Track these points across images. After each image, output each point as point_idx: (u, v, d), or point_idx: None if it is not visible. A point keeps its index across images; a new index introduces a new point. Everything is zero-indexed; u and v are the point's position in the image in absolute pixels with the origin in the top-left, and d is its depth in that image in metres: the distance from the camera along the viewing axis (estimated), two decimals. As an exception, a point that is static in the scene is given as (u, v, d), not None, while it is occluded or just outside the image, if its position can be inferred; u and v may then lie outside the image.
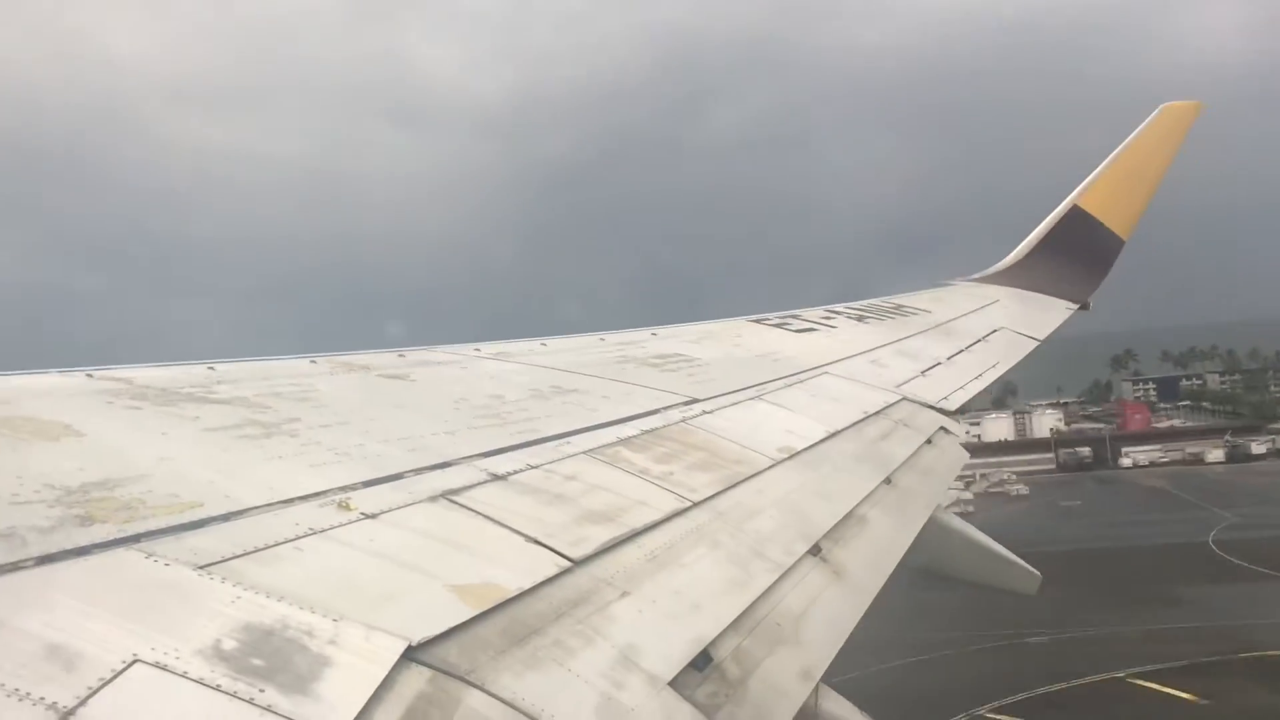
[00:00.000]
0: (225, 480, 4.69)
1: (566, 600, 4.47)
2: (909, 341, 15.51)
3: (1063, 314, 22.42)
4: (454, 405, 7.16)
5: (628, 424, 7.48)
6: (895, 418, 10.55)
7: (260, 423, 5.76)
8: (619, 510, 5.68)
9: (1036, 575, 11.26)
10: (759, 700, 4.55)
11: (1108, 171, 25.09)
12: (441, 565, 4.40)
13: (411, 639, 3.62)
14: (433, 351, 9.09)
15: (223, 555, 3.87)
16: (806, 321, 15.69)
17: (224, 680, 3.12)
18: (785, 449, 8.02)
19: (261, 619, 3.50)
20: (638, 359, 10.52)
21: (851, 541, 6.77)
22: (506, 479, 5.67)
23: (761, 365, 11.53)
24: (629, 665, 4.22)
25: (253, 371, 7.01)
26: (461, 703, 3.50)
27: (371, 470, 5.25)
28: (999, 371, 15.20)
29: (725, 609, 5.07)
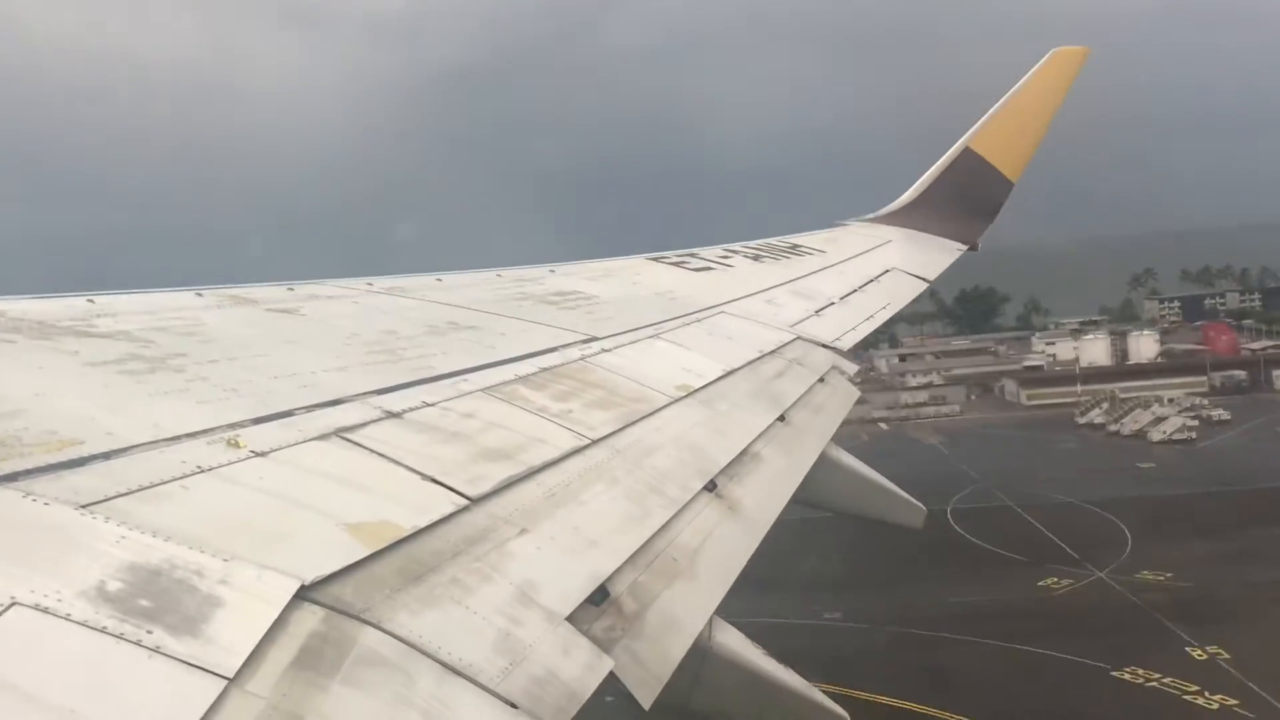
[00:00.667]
0: (107, 417, 4.52)
1: (464, 538, 4.46)
2: (804, 281, 15.73)
3: (952, 255, 23.00)
4: (346, 341, 7.02)
5: (526, 361, 7.44)
6: (790, 356, 10.72)
7: (144, 358, 5.55)
8: (517, 448, 5.67)
9: (922, 509, 11.66)
10: (655, 633, 4.63)
11: (999, 114, 25.66)
12: (335, 504, 4.33)
13: (304, 578, 3.56)
14: (323, 285, 8.87)
15: (105, 494, 3.74)
16: (704, 260, 15.77)
17: (109, 622, 3.03)
18: (683, 387, 8.09)
19: (148, 559, 3.41)
20: (536, 296, 10.45)
21: (746, 478, 6.89)
22: (402, 416, 5.60)
23: (660, 304, 11.57)
24: (527, 601, 4.24)
25: (135, 304, 6.75)
26: (357, 641, 3.47)
27: (261, 407, 5.12)
28: (890, 312, 15.56)
29: (622, 544, 5.12)
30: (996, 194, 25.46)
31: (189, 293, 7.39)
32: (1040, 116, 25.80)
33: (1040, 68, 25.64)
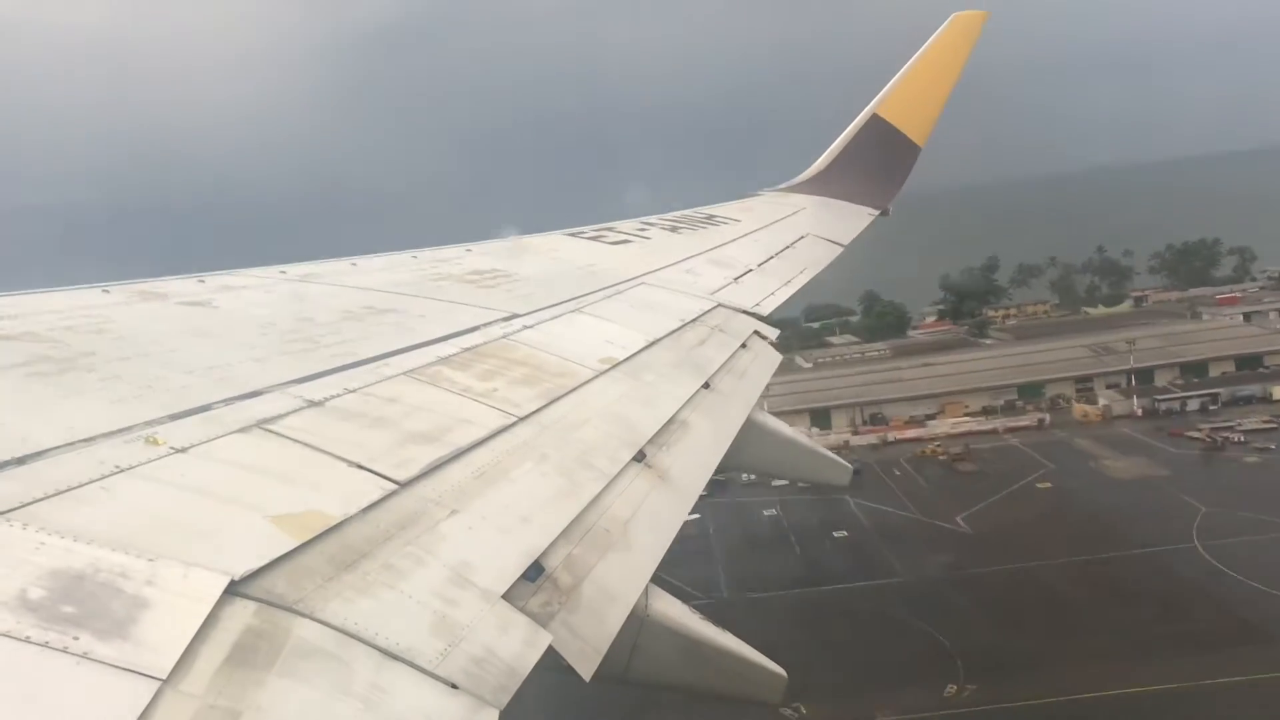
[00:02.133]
0: (18, 420, 4.39)
1: (394, 523, 4.44)
2: (721, 250, 15.83)
3: (864, 220, 23.35)
4: (262, 331, 6.89)
5: (447, 342, 7.39)
6: (711, 324, 10.80)
7: (53, 358, 5.40)
8: (443, 430, 5.64)
9: (848, 468, 11.88)
10: (592, 605, 4.67)
11: (904, 80, 26.04)
12: (261, 496, 4.28)
13: (234, 574, 3.52)
14: (234, 275, 8.68)
15: (21, 500, 3.64)
16: (622, 234, 15.78)
17: (32, 631, 2.96)
18: (607, 359, 8.11)
19: (70, 564, 3.33)
20: (454, 276, 10.36)
21: (674, 446, 6.95)
22: (323, 404, 5.53)
23: (580, 278, 11.56)
24: (461, 582, 4.24)
25: (40, 304, 6.54)
26: (291, 633, 3.44)
27: (178, 403, 5.02)
28: (807, 277, 15.74)
29: (555, 519, 5.14)
30: (905, 158, 25.89)
31: (95, 290, 7.19)
32: (943, 81, 26.25)
33: (941, 33, 26.06)
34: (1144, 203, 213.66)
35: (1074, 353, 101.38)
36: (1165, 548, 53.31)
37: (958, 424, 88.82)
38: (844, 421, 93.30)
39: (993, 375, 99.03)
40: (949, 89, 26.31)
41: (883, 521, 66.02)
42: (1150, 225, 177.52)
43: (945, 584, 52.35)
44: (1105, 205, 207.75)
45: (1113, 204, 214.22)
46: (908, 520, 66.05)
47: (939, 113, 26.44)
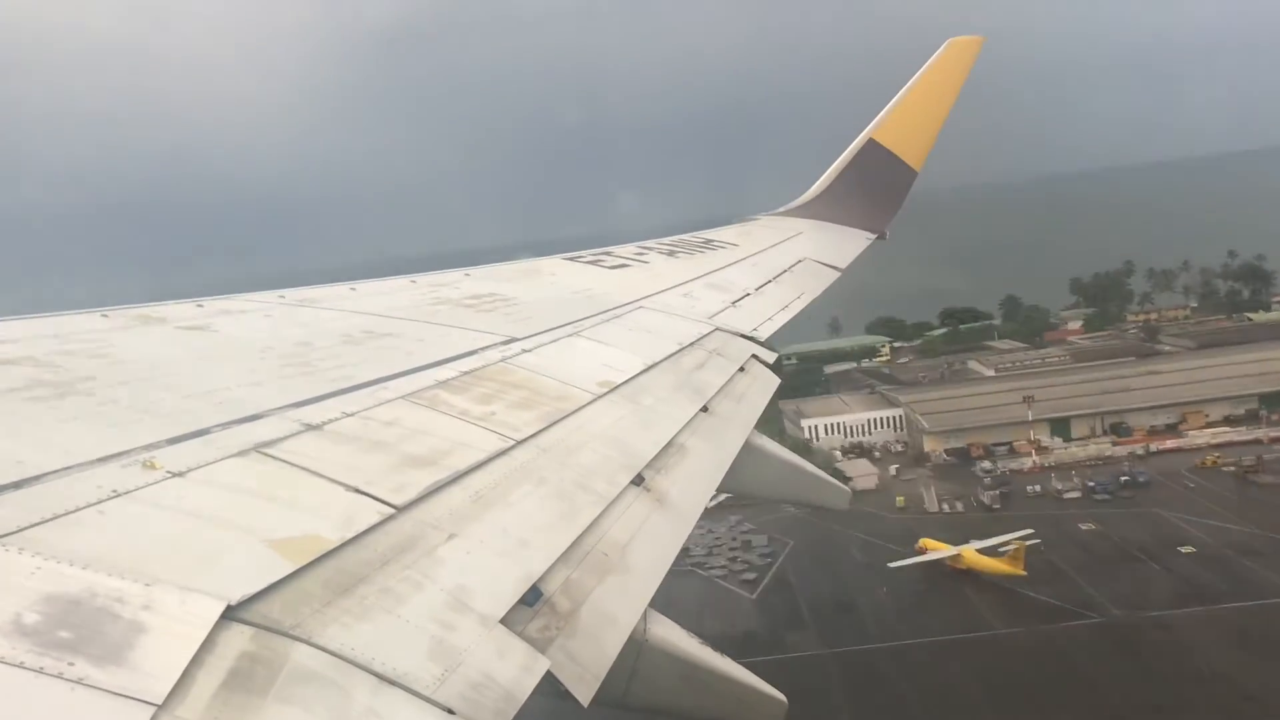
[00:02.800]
0: (15, 445, 4.38)
1: (392, 547, 4.42)
2: (719, 274, 15.86)
3: (862, 243, 23.40)
4: (260, 355, 6.89)
5: (445, 366, 7.39)
6: (709, 348, 10.80)
7: (51, 383, 5.39)
8: (441, 453, 5.63)
9: (847, 491, 11.85)
10: (590, 630, 4.64)
11: (900, 105, 26.15)
12: (258, 520, 4.26)
13: (230, 598, 3.50)
14: (233, 300, 8.70)
15: (18, 525, 3.63)
16: (620, 258, 15.81)
17: (27, 657, 2.94)
18: (605, 383, 8.11)
19: (66, 589, 3.32)
20: (452, 300, 10.38)
21: (673, 469, 6.94)
22: (321, 428, 5.52)
23: (578, 302, 11.57)
24: (459, 606, 4.22)
25: (39, 329, 6.55)
26: (288, 658, 3.42)
27: (176, 427, 5.01)
28: (805, 301, 15.76)
29: (553, 543, 5.13)
30: (901, 183, 25.96)
31: (95, 314, 7.19)
32: (939, 106, 26.36)
33: (937, 58, 26.19)
34: (1181, 201, 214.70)
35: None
36: None
37: (1218, 434, 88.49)
38: (1083, 430, 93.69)
39: (1229, 385, 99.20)
40: (945, 114, 26.43)
41: (1226, 538, 65.86)
42: (1209, 224, 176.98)
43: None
44: (1131, 203, 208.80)
45: (1140, 201, 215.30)
46: (1252, 535, 65.75)
47: (935, 137, 26.55)
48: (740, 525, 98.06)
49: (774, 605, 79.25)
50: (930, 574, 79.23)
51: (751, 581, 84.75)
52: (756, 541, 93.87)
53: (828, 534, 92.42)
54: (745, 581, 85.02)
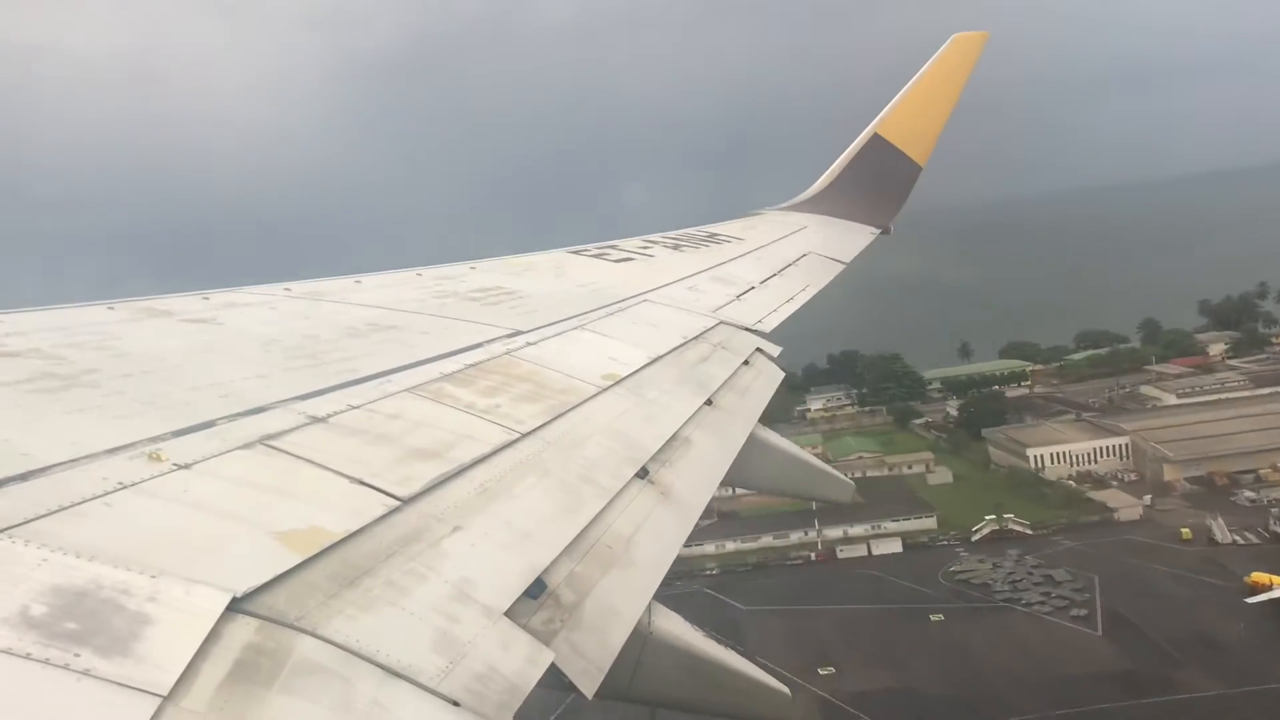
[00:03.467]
0: (21, 437, 4.39)
1: (397, 539, 4.43)
2: (724, 268, 15.85)
3: (866, 238, 23.37)
4: (266, 348, 6.90)
5: (450, 359, 7.39)
6: (714, 341, 10.80)
7: (57, 375, 5.40)
8: (446, 446, 5.64)
9: (850, 485, 11.86)
10: (594, 623, 4.65)
11: (905, 100, 26.09)
12: (263, 513, 4.27)
13: (236, 590, 3.52)
14: (239, 293, 8.71)
15: (25, 516, 3.64)
16: (625, 251, 15.80)
17: (34, 648, 2.95)
18: (610, 376, 8.11)
19: (72, 580, 3.33)
20: (458, 293, 10.38)
21: (677, 463, 6.94)
22: (327, 420, 5.53)
23: (583, 295, 11.57)
24: (463, 598, 4.23)
25: (45, 321, 6.56)
26: (293, 650, 3.44)
27: (182, 419, 5.02)
28: (809, 294, 15.74)
29: (557, 536, 5.13)
30: (906, 178, 25.92)
31: (100, 307, 7.20)
32: (944, 101, 26.30)
33: (942, 54, 26.13)
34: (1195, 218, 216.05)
35: None
36: None
37: None
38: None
39: None
40: (950, 109, 26.37)
41: None
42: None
43: None
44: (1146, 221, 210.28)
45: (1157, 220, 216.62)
46: None
47: (940, 132, 26.49)
48: (1024, 559, 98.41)
49: (1129, 641, 78.78)
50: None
51: (1085, 618, 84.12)
52: (1059, 575, 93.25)
53: (1127, 567, 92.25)
54: (1078, 618, 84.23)
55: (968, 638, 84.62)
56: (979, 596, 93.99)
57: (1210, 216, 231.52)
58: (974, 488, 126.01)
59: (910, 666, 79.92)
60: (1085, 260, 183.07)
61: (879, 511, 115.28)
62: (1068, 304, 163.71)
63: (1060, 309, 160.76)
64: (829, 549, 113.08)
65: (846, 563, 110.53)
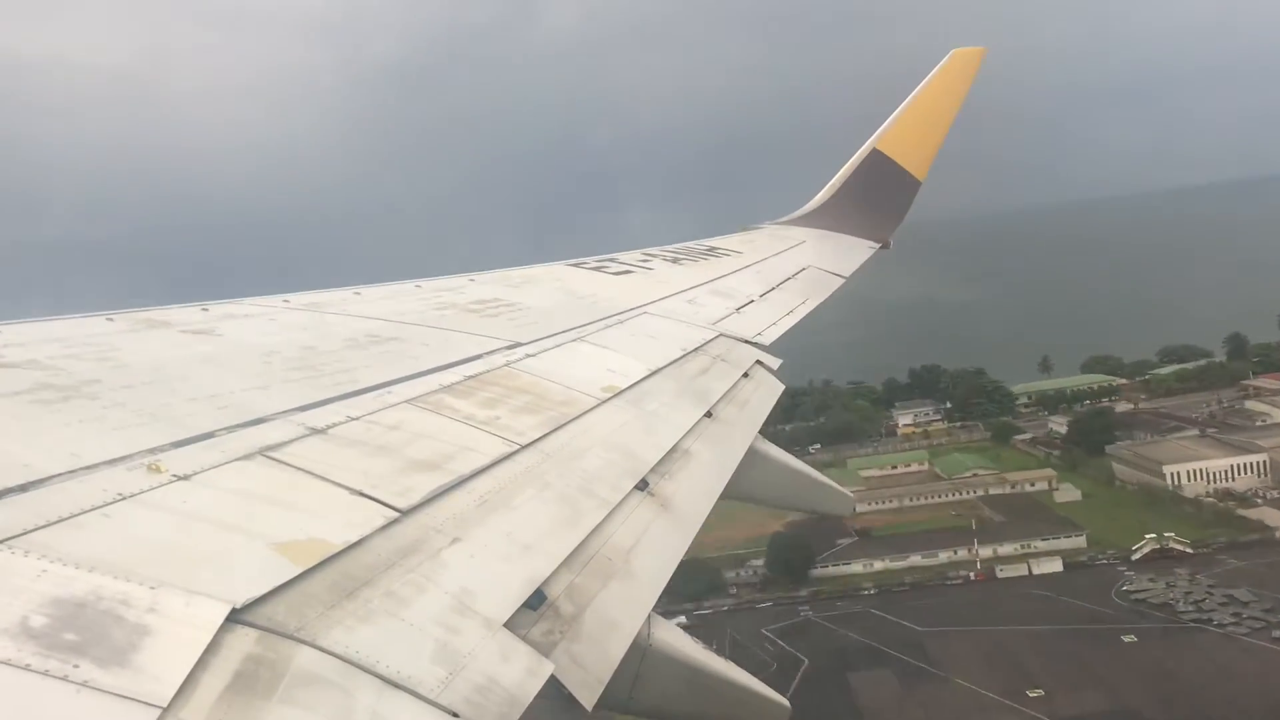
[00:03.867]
0: (20, 448, 4.39)
1: (396, 550, 4.43)
2: (723, 281, 15.87)
3: (865, 253, 23.41)
4: (265, 359, 6.90)
5: (450, 370, 7.40)
6: (713, 353, 10.81)
7: (56, 386, 5.40)
8: (446, 457, 5.64)
9: (850, 498, 11.85)
10: (594, 634, 4.64)
11: (904, 115, 26.18)
12: (263, 524, 4.27)
13: (235, 601, 3.51)
14: (238, 304, 8.71)
15: (24, 527, 3.63)
16: (624, 264, 15.83)
17: (33, 659, 2.95)
18: (609, 388, 8.11)
19: (72, 591, 3.32)
20: (457, 305, 10.38)
21: (677, 475, 6.94)
22: (326, 432, 5.53)
23: (582, 307, 11.59)
24: (463, 610, 4.23)
25: (43, 332, 6.55)
26: (293, 661, 3.43)
27: (181, 430, 5.02)
28: (809, 307, 15.77)
29: (557, 548, 5.13)
30: (905, 193, 25.98)
31: (99, 318, 7.20)
32: (943, 116, 26.40)
33: (940, 69, 26.24)
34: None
35: None
36: None
37: None
38: None
39: None
40: (949, 124, 26.47)
41: None
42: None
43: None
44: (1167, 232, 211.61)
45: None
46: None
47: (938, 147, 26.58)
48: (1197, 579, 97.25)
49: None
50: None
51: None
52: (1242, 595, 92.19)
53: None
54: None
55: (1168, 660, 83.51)
56: (1164, 617, 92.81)
57: (1229, 226, 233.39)
58: (1105, 505, 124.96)
59: (1120, 689, 78.83)
60: (1125, 271, 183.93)
61: (1024, 530, 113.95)
62: (1126, 316, 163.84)
63: (1127, 321, 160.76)
64: (988, 568, 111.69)
65: (1007, 582, 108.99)
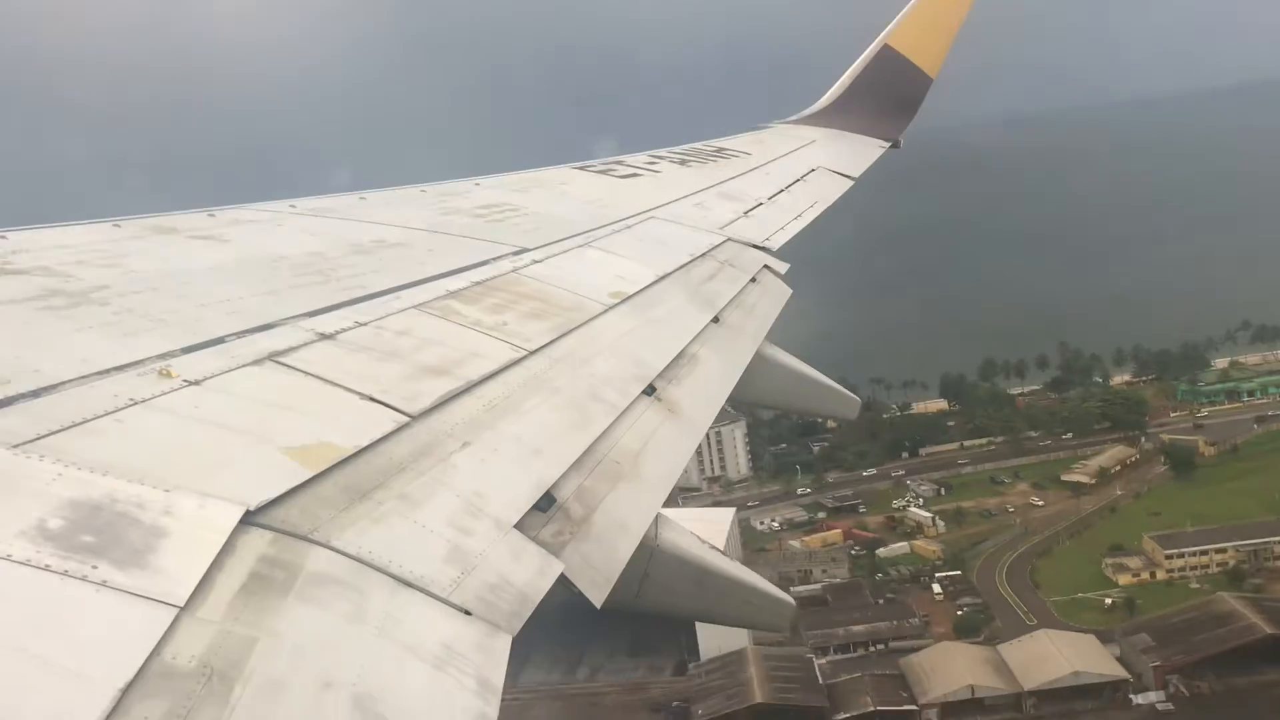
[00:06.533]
0: (32, 354, 4.41)
1: (407, 454, 4.47)
2: (731, 184, 15.69)
3: (875, 152, 23.06)
4: (272, 265, 6.89)
5: (457, 276, 7.38)
6: (721, 258, 10.75)
7: (66, 292, 5.40)
8: (454, 363, 5.66)
9: (856, 400, 11.89)
10: (602, 535, 4.72)
11: (915, 10, 25.51)
12: (274, 428, 4.31)
13: (249, 504, 3.56)
14: (244, 210, 8.65)
15: (38, 433, 3.67)
16: (631, 167, 15.64)
17: (52, 560, 3.00)
18: (617, 294, 8.10)
19: (88, 495, 3.37)
20: (463, 210, 10.31)
21: (684, 379, 6.97)
22: (335, 337, 5.54)
23: (589, 212, 11.49)
24: (474, 512, 4.29)
25: (51, 239, 6.53)
26: (307, 562, 3.49)
27: (190, 336, 5.03)
28: (818, 210, 15.60)
29: (566, 451, 5.18)
30: (916, 90, 25.46)
31: (107, 224, 7.16)
32: (955, 11, 25.72)
33: None
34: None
35: None
36: None
37: None
38: None
39: None
40: (961, 19, 25.81)
41: None
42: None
43: None
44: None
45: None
46: None
47: (951, 44, 25.96)
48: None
49: None
50: None
51: None
52: None
53: None
54: None
55: None
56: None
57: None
58: None
59: None
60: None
61: None
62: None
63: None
64: None
65: None
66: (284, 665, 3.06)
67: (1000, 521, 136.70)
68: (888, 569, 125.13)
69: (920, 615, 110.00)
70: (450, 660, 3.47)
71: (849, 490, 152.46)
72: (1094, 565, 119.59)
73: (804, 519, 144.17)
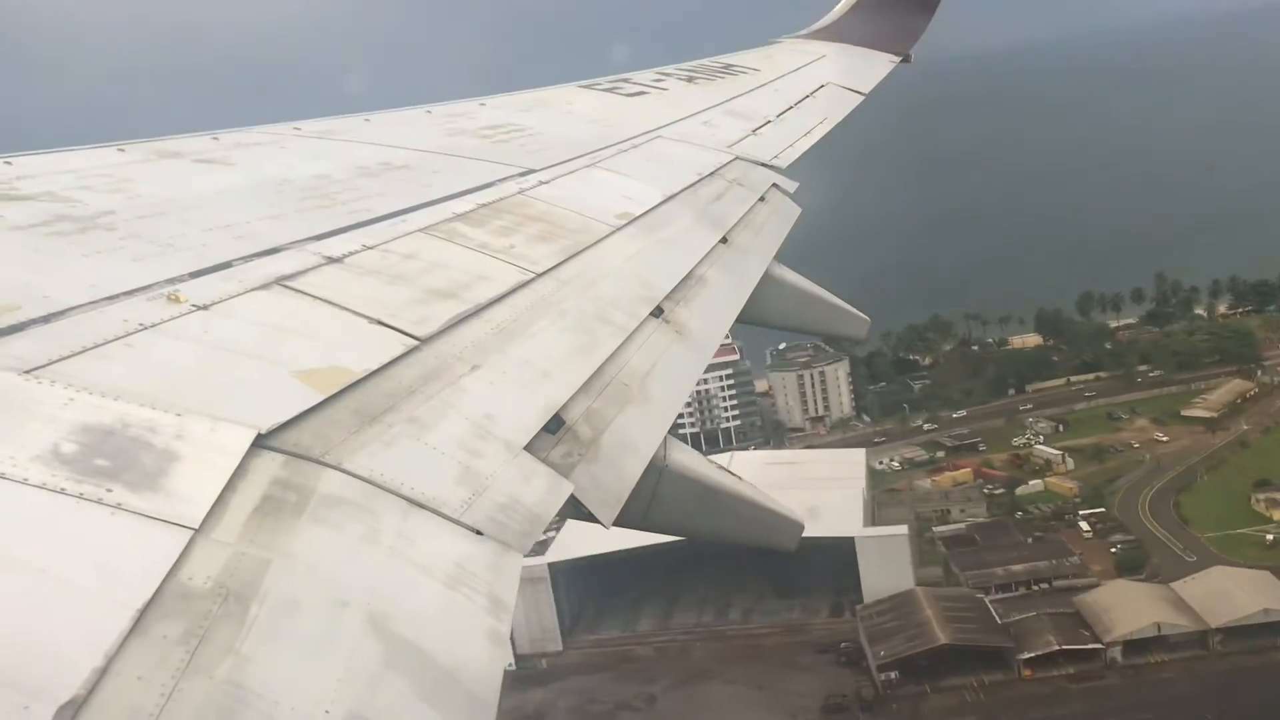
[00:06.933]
0: (41, 280, 4.41)
1: (417, 378, 4.49)
2: (739, 101, 15.47)
3: (886, 67, 22.65)
4: (278, 188, 6.84)
5: (463, 198, 7.33)
6: (729, 178, 10.65)
7: (72, 217, 5.38)
8: (462, 286, 5.65)
9: (865, 320, 11.86)
10: (611, 456, 4.76)
11: None
12: (283, 352, 4.32)
13: (260, 427, 3.58)
14: (248, 133, 8.57)
15: (49, 358, 3.69)
16: (637, 85, 15.41)
17: (68, 483, 3.04)
18: (624, 215, 8.04)
19: (100, 419, 3.40)
20: (468, 131, 10.19)
21: (692, 301, 6.95)
22: (342, 261, 5.53)
23: (595, 132, 11.36)
24: (484, 434, 4.32)
25: (56, 164, 6.48)
26: (319, 484, 3.53)
27: (197, 260, 5.03)
28: (827, 127, 15.39)
29: (574, 374, 5.20)
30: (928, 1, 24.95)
31: (111, 149, 7.11)
32: None
33: None
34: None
35: None
36: None
37: None
38: None
39: None
40: None
41: None
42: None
43: None
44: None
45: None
46: None
47: None
48: None
49: None
50: None
51: None
52: None
53: None
54: None
55: None
56: None
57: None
58: None
59: None
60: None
61: None
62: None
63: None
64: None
65: None
66: (299, 585, 3.11)
67: (1128, 457, 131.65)
68: (1027, 507, 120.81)
69: (1078, 553, 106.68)
70: (463, 579, 3.52)
71: (965, 429, 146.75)
72: (1241, 500, 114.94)
73: (924, 458, 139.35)
